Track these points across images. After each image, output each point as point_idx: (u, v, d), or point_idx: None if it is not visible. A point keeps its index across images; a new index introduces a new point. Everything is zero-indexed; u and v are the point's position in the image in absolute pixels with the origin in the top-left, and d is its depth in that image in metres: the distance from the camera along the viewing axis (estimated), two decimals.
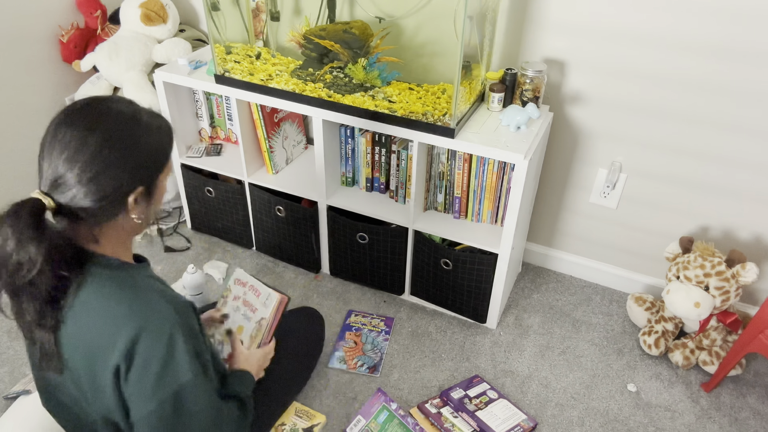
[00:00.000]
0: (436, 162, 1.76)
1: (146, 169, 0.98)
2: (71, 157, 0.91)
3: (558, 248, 2.11)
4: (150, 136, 0.98)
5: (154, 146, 0.99)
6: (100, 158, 0.92)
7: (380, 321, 1.89)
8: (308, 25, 1.60)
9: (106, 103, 0.96)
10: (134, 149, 0.95)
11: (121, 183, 0.94)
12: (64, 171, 0.91)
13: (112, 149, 0.92)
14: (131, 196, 0.97)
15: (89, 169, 0.91)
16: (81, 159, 0.91)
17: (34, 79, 2.09)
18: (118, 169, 0.93)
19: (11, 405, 1.50)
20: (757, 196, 1.70)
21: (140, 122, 0.97)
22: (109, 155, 0.92)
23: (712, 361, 1.72)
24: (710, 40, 1.53)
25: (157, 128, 1.00)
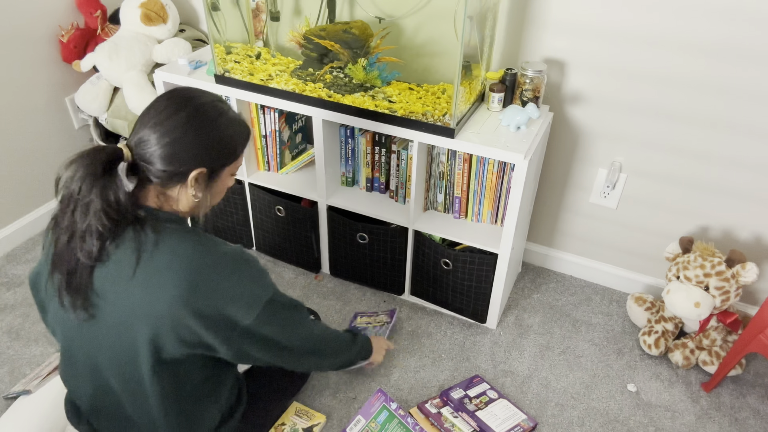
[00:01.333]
0: (436, 162, 1.76)
1: (215, 155, 1.11)
2: (159, 122, 1.06)
3: (558, 248, 2.11)
4: (228, 129, 1.12)
5: (228, 138, 1.12)
6: (181, 129, 1.06)
7: (384, 315, 1.88)
8: (308, 25, 1.60)
9: (203, 92, 1.12)
10: (211, 133, 1.09)
11: (190, 157, 1.07)
12: (149, 132, 1.06)
13: (193, 126, 1.07)
14: (193, 172, 1.08)
15: (169, 135, 1.05)
16: (166, 125, 1.05)
17: (34, 79, 2.09)
18: (191, 143, 1.07)
19: (11, 405, 1.50)
20: (757, 196, 1.70)
21: (224, 114, 1.12)
22: (188, 129, 1.06)
23: (712, 361, 1.72)
24: (711, 40, 1.53)
25: (237, 126, 1.14)
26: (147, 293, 1.04)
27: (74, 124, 2.28)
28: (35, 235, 2.22)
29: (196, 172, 1.09)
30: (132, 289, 1.04)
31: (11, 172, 2.10)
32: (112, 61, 2.01)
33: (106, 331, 1.09)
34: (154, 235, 1.06)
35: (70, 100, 2.23)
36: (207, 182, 1.13)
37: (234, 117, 1.14)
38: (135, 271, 1.04)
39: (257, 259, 1.17)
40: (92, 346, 1.12)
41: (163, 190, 1.10)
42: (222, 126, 1.11)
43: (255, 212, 2.06)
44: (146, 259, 1.04)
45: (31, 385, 1.59)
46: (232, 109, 1.15)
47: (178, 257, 1.05)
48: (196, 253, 1.06)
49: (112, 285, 1.05)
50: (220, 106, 1.12)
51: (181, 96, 1.09)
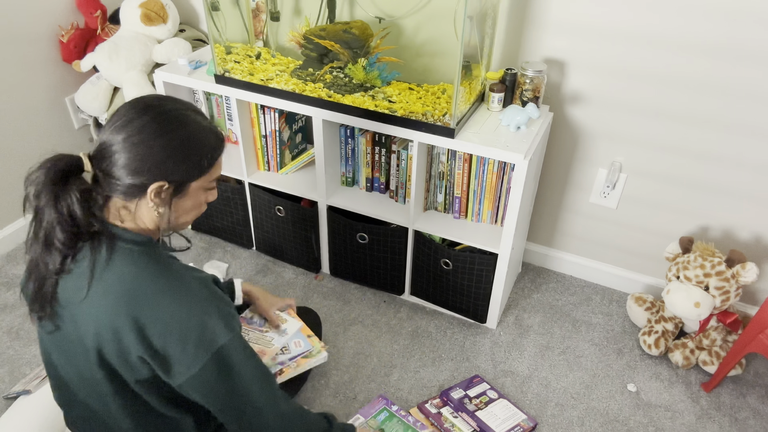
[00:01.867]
0: (436, 162, 1.76)
1: (176, 167, 1.01)
2: (119, 128, 0.99)
3: (558, 248, 2.11)
4: (192, 140, 1.02)
5: (191, 148, 1.02)
6: (140, 136, 0.98)
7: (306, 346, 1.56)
8: (308, 25, 1.60)
9: (172, 99, 1.05)
10: (172, 142, 1.00)
11: (150, 166, 0.99)
12: (111, 138, 0.99)
13: (153, 133, 0.99)
14: (153, 185, 1.00)
15: (128, 142, 0.98)
16: (125, 132, 0.99)
17: (34, 79, 2.09)
18: (151, 152, 0.99)
19: (11, 405, 1.50)
20: (757, 196, 1.70)
21: (189, 124, 1.03)
22: (149, 137, 0.99)
23: (712, 361, 1.72)
24: (711, 40, 1.53)
25: (204, 136, 1.04)
26: (93, 312, 1.00)
27: (74, 124, 2.28)
28: None
29: (156, 186, 1.00)
30: (84, 306, 1.01)
31: (11, 172, 2.10)
32: (112, 61, 2.01)
33: (69, 344, 1.06)
34: (107, 254, 1.00)
35: (70, 100, 2.23)
36: (172, 197, 1.04)
37: (203, 126, 1.04)
38: (88, 289, 1.00)
39: (224, 298, 1.07)
40: (61, 359, 1.10)
41: (125, 204, 1.03)
42: (185, 134, 1.01)
43: (255, 212, 2.06)
44: (97, 278, 1.00)
45: (31, 385, 1.59)
46: (203, 119, 1.06)
47: (122, 281, 0.99)
48: (143, 278, 1.00)
49: (71, 299, 1.03)
50: (186, 113, 1.03)
51: (145, 102, 1.02)
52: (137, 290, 0.99)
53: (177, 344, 0.99)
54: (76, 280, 1.02)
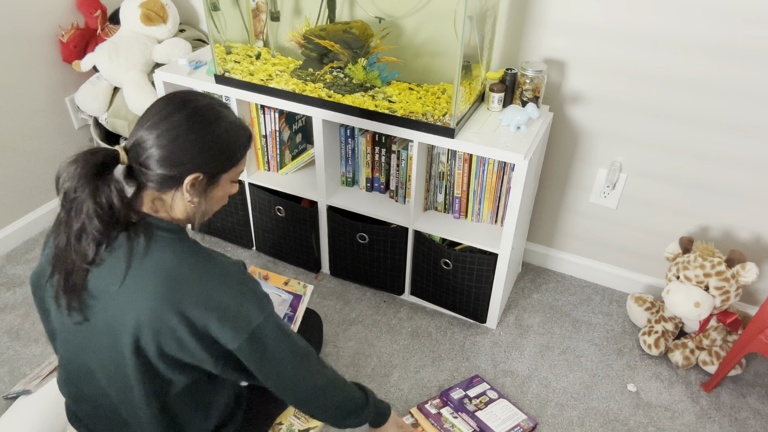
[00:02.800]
0: (436, 162, 1.76)
1: (212, 159, 1.07)
2: (156, 123, 1.03)
3: (558, 248, 2.11)
4: (226, 133, 1.08)
5: (226, 143, 1.08)
6: (176, 131, 1.03)
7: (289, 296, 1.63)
8: (308, 25, 1.60)
9: (203, 95, 1.09)
10: (208, 136, 1.05)
11: (186, 159, 1.04)
12: (146, 133, 1.03)
13: (189, 127, 1.03)
14: (189, 177, 1.05)
15: (165, 136, 1.02)
16: (162, 126, 1.03)
17: (34, 79, 2.09)
18: (187, 145, 1.03)
19: (11, 405, 1.50)
20: (757, 196, 1.70)
21: (223, 118, 1.08)
22: (184, 130, 1.03)
23: (712, 361, 1.72)
24: (710, 40, 1.53)
25: (237, 130, 1.10)
26: (131, 300, 1.03)
27: (74, 124, 2.28)
28: (35, 235, 2.22)
29: (192, 177, 1.05)
30: (120, 295, 1.03)
31: (11, 172, 2.10)
32: (112, 61, 2.01)
33: (98, 335, 1.08)
34: (146, 242, 1.04)
35: (70, 100, 2.23)
36: (205, 188, 1.09)
37: (234, 121, 1.10)
38: (125, 277, 1.03)
39: (256, 281, 1.12)
40: (86, 350, 1.11)
41: (159, 195, 1.07)
42: (220, 129, 1.07)
43: (255, 212, 2.06)
44: (135, 266, 1.03)
45: (31, 385, 1.59)
46: (233, 113, 1.12)
47: (162, 267, 1.03)
48: (183, 263, 1.04)
49: (104, 289, 1.05)
50: (219, 109, 1.09)
51: (179, 98, 1.06)
52: (179, 276, 1.03)
53: (217, 325, 1.03)
54: (110, 269, 1.04)
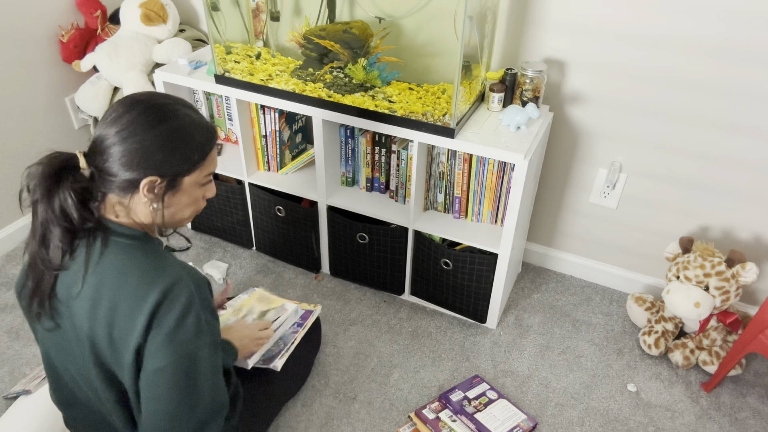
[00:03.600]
0: (436, 162, 1.76)
1: (165, 161, 1.02)
2: (112, 122, 1.00)
3: (558, 248, 2.11)
4: (179, 133, 1.02)
5: (179, 143, 1.02)
6: (129, 131, 0.99)
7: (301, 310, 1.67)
8: (308, 25, 1.60)
9: (163, 95, 1.05)
10: (159, 136, 1.00)
11: (140, 159, 1.00)
12: (103, 133, 1.00)
13: (141, 127, 1.00)
14: (145, 180, 1.01)
15: (120, 134, 0.99)
16: (118, 125, 1.00)
17: (34, 79, 2.09)
18: (139, 146, 0.99)
19: (11, 405, 1.50)
20: (757, 196, 1.70)
21: (178, 117, 1.03)
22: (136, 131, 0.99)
23: (712, 361, 1.72)
24: (711, 40, 1.53)
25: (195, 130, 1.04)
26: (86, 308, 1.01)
27: (74, 124, 2.28)
28: None
29: (147, 181, 1.00)
30: (78, 302, 1.02)
31: (11, 172, 2.10)
32: (112, 61, 2.01)
33: (69, 341, 1.07)
34: (101, 248, 1.01)
35: (70, 100, 2.23)
36: (165, 192, 1.04)
37: (192, 119, 1.04)
38: (82, 284, 1.01)
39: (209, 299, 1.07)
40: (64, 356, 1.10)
41: (120, 200, 1.03)
42: (172, 128, 1.01)
43: (255, 212, 2.06)
44: (90, 272, 1.01)
45: (31, 385, 1.59)
46: (194, 113, 1.06)
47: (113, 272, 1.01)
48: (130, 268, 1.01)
49: (68, 295, 1.04)
50: (176, 107, 1.03)
51: (134, 98, 1.03)
52: (125, 281, 1.00)
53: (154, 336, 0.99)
54: (72, 275, 1.03)
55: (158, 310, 0.99)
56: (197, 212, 1.15)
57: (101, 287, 1.00)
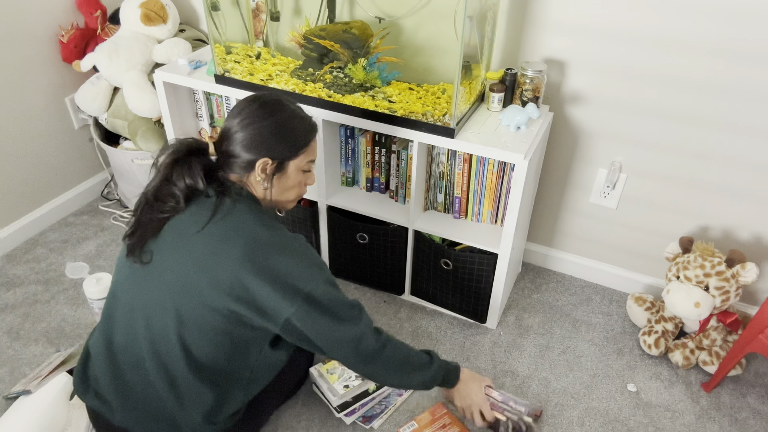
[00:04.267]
0: (436, 162, 1.76)
1: (275, 145, 1.24)
2: (236, 113, 1.24)
3: (558, 248, 2.11)
4: (288, 122, 1.25)
5: (287, 131, 1.25)
6: (249, 120, 1.23)
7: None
8: (308, 25, 1.60)
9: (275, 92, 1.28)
10: (272, 125, 1.23)
11: (256, 144, 1.22)
12: (229, 123, 1.24)
13: (258, 117, 1.22)
14: (260, 160, 1.23)
15: (243, 122, 1.22)
16: (241, 115, 1.23)
17: (34, 79, 2.09)
18: (257, 132, 1.22)
19: (11, 405, 1.50)
20: (757, 196, 1.70)
21: (286, 110, 1.26)
22: (254, 121, 1.22)
23: (712, 361, 1.72)
24: (710, 40, 1.53)
25: (298, 121, 1.26)
26: (208, 249, 1.15)
27: (74, 124, 2.28)
28: (35, 235, 2.22)
29: (262, 161, 1.22)
30: (195, 242, 1.17)
31: (11, 173, 2.10)
32: (112, 61, 2.01)
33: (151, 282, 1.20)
34: (231, 204, 1.20)
35: (70, 100, 2.23)
36: (274, 174, 1.26)
37: (296, 113, 1.26)
38: (204, 226, 1.17)
39: (314, 253, 1.25)
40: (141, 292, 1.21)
41: (240, 178, 1.26)
42: (282, 118, 1.24)
43: None
44: (217, 219, 1.18)
45: (31, 385, 1.59)
46: (297, 107, 1.28)
47: (241, 227, 1.17)
48: (257, 228, 1.18)
49: (183, 232, 1.19)
50: (284, 101, 1.26)
51: (254, 95, 1.27)
52: (255, 238, 1.17)
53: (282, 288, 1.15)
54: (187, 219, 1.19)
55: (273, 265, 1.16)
56: (300, 197, 1.37)
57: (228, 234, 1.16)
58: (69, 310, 1.90)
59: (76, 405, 1.48)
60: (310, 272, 1.19)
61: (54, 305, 1.92)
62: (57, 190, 2.29)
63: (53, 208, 2.27)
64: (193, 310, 1.17)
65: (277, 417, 1.60)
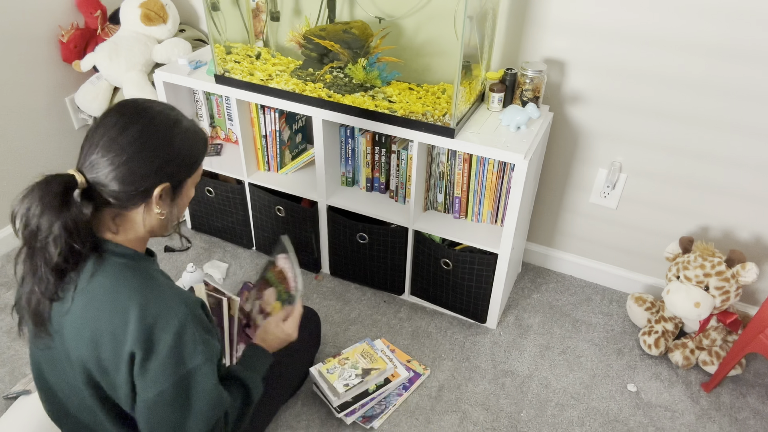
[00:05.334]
0: (436, 162, 1.76)
1: (175, 168, 1.04)
2: (111, 140, 0.98)
3: (558, 248, 2.11)
4: (185, 140, 1.05)
5: (186, 149, 1.06)
6: (136, 145, 0.99)
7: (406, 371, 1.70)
8: (308, 25, 1.60)
9: (152, 103, 1.05)
10: (168, 146, 1.02)
11: (150, 173, 1.00)
12: (101, 152, 0.98)
13: (148, 140, 1.00)
14: (157, 188, 1.02)
15: (124, 153, 0.98)
16: (119, 143, 0.98)
17: (34, 79, 2.09)
18: (149, 159, 1.00)
19: (11, 405, 1.50)
20: (757, 196, 1.70)
21: (179, 125, 1.05)
22: (144, 144, 0.99)
23: (712, 361, 1.72)
24: (710, 40, 1.53)
25: (194, 134, 1.08)
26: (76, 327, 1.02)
27: (74, 124, 2.28)
28: None
29: (160, 188, 1.02)
30: (68, 320, 1.03)
31: (11, 172, 2.10)
32: (112, 61, 2.01)
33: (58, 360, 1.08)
34: (93, 267, 1.01)
35: (70, 100, 2.23)
36: (172, 197, 1.07)
37: (188, 126, 1.07)
38: (72, 302, 1.01)
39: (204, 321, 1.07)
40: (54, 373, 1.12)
41: (121, 212, 1.03)
42: (177, 136, 1.04)
43: (255, 212, 2.06)
44: (80, 290, 1.01)
45: (31, 385, 1.59)
46: (186, 117, 1.09)
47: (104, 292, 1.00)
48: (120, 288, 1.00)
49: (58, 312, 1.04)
50: (172, 115, 1.05)
51: (128, 108, 1.02)
52: (115, 301, 0.99)
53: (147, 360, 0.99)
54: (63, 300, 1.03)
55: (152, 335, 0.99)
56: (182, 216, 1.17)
57: (92, 306, 1.00)
58: None
59: None
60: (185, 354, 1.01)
61: None
62: None
63: None
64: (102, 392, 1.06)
65: (277, 417, 1.60)
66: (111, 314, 0.99)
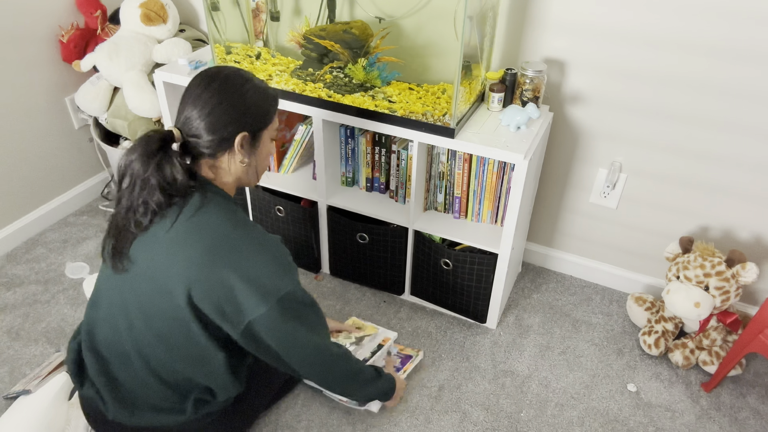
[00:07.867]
0: (436, 162, 1.76)
1: (251, 119, 1.21)
2: (197, 96, 1.17)
3: (558, 248, 2.11)
4: (255, 94, 1.21)
5: (258, 102, 1.22)
6: (216, 98, 1.17)
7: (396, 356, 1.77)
8: (308, 25, 1.60)
9: (228, 67, 1.23)
10: (242, 98, 1.19)
11: (230, 121, 1.18)
12: (190, 108, 1.17)
13: (225, 94, 1.17)
14: (238, 137, 1.19)
15: (207, 105, 1.16)
16: (203, 98, 1.17)
17: (34, 79, 2.09)
18: (227, 110, 1.17)
19: (11, 405, 1.50)
20: (757, 196, 1.70)
21: (251, 82, 1.22)
22: (222, 98, 1.17)
23: (712, 361, 1.72)
24: (711, 40, 1.53)
25: (263, 90, 1.23)
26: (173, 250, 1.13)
27: (74, 124, 2.28)
28: (35, 234, 2.22)
29: (240, 136, 1.19)
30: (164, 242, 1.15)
31: (11, 172, 2.10)
32: (112, 61, 2.01)
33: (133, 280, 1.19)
34: (200, 201, 1.16)
35: (70, 100, 2.23)
36: (251, 146, 1.23)
37: (259, 83, 1.24)
38: (171, 227, 1.14)
39: (288, 254, 1.22)
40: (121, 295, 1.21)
41: (214, 162, 1.21)
42: (250, 91, 1.20)
43: (255, 212, 2.06)
44: (183, 219, 1.14)
45: (31, 385, 1.59)
46: (256, 77, 1.25)
47: (208, 224, 1.15)
48: (226, 225, 1.16)
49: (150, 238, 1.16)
50: (245, 74, 1.22)
51: (209, 72, 1.20)
52: (223, 237, 1.14)
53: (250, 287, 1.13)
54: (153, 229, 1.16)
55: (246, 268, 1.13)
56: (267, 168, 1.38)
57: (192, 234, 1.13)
58: (69, 310, 1.90)
59: (75, 405, 1.48)
60: (284, 274, 1.17)
61: (54, 305, 1.92)
62: (57, 190, 2.29)
63: (53, 208, 2.28)
64: (165, 311, 1.17)
65: (277, 417, 1.60)
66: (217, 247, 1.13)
